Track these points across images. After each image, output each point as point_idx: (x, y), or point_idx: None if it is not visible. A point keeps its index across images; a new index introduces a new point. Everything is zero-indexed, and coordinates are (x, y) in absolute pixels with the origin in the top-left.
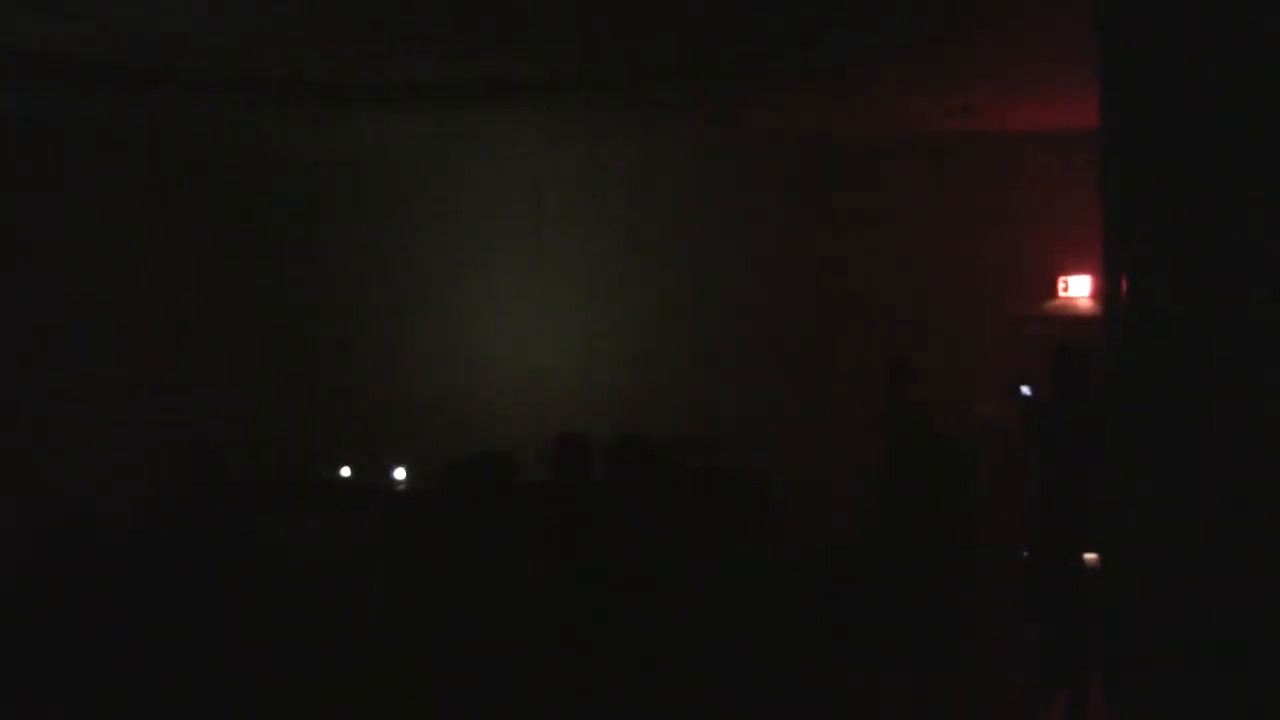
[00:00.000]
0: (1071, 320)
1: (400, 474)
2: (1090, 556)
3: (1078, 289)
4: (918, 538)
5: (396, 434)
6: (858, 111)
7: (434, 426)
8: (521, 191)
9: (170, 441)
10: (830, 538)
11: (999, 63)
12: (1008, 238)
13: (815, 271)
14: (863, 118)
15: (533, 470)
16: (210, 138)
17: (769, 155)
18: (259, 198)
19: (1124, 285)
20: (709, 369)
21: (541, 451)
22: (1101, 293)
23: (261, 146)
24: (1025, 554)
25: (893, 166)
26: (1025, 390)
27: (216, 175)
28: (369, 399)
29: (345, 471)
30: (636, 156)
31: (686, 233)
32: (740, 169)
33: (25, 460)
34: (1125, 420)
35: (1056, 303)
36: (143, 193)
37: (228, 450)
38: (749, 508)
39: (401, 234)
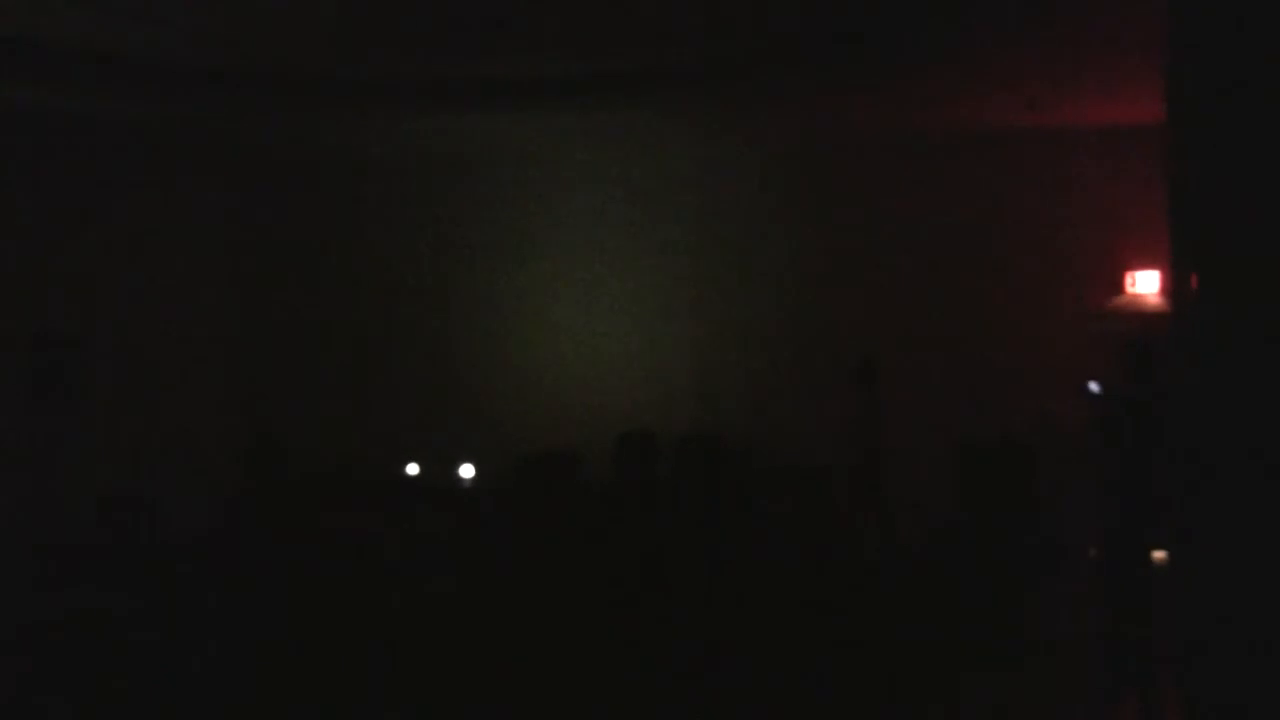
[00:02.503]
0: (1139, 316)
1: (468, 472)
2: (1159, 554)
3: (1145, 285)
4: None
5: (464, 432)
6: (925, 108)
7: (501, 425)
8: (587, 192)
9: (238, 438)
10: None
11: (1065, 57)
12: (1074, 234)
13: (883, 271)
14: (932, 115)
15: (598, 468)
16: (284, 137)
17: (837, 156)
18: (334, 197)
19: (1193, 281)
20: (773, 368)
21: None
22: (1170, 288)
23: (325, 145)
24: (1093, 552)
25: (958, 165)
26: (1094, 387)
27: (290, 174)
28: (436, 397)
29: (413, 469)
30: (701, 157)
31: (756, 231)
32: (807, 170)
33: (92, 456)
34: (1194, 416)
35: (1124, 299)
36: (223, 191)
37: (295, 447)
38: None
39: (470, 235)
